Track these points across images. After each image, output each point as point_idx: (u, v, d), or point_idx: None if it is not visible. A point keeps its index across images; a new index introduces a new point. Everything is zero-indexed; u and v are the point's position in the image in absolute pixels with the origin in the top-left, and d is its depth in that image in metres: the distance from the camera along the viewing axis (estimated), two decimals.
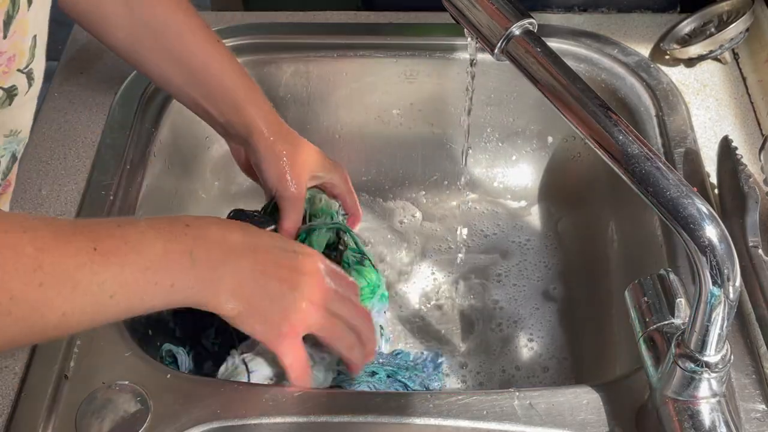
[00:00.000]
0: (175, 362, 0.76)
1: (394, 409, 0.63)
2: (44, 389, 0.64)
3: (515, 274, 0.94)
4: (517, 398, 0.63)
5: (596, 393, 0.63)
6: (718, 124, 0.84)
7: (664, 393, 0.56)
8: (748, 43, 0.90)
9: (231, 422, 0.62)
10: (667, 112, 0.85)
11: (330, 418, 0.62)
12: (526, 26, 0.55)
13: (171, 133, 0.88)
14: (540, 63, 0.54)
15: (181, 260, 0.54)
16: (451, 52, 0.93)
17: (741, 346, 0.66)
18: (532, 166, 1.00)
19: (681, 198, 0.47)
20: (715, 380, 0.54)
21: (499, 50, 0.56)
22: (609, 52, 0.91)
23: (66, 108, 0.87)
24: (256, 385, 0.65)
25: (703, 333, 0.51)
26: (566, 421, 0.62)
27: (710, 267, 0.47)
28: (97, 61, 0.91)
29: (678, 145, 0.81)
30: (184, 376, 0.69)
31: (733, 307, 0.49)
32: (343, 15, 0.97)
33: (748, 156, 0.79)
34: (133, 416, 0.61)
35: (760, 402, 0.62)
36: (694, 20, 0.92)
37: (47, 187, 0.79)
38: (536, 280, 0.93)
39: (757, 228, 0.70)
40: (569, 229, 0.97)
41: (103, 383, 0.64)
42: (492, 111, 0.96)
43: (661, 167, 0.48)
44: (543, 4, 0.97)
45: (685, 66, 0.91)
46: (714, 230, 0.47)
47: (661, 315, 0.59)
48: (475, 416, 0.62)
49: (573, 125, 0.52)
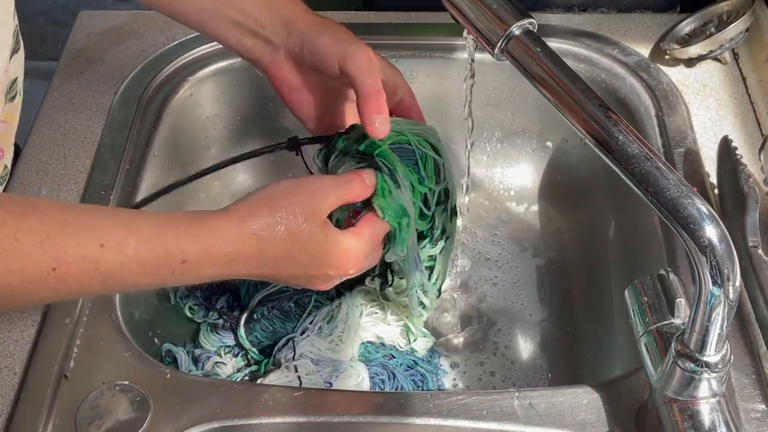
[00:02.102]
0: (175, 362, 0.77)
1: (394, 409, 0.63)
2: (44, 389, 0.64)
3: (515, 273, 0.94)
4: (517, 398, 0.63)
5: (596, 393, 0.63)
6: (718, 124, 0.84)
7: (664, 393, 0.56)
8: (748, 43, 0.90)
9: (231, 422, 0.62)
10: (667, 112, 0.85)
11: (330, 418, 0.62)
12: (526, 26, 0.55)
13: (171, 133, 0.88)
14: (540, 63, 0.54)
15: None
16: (451, 52, 0.93)
17: (741, 346, 0.66)
18: (532, 166, 1.00)
19: (681, 198, 0.47)
20: (715, 380, 0.54)
21: (499, 50, 0.56)
22: (609, 52, 0.91)
23: (66, 108, 0.87)
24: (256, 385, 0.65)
25: (703, 333, 0.51)
26: (566, 421, 0.62)
27: (710, 267, 0.47)
28: (97, 61, 0.92)
29: (678, 145, 0.81)
30: (184, 376, 0.69)
31: (733, 307, 0.49)
32: (343, 15, 0.97)
33: (748, 156, 0.79)
34: (133, 416, 0.61)
35: (760, 402, 0.62)
36: (694, 20, 0.92)
37: (47, 187, 0.79)
38: (536, 280, 0.93)
39: (757, 228, 0.70)
40: (569, 229, 0.97)
41: (103, 383, 0.64)
42: (492, 111, 0.96)
43: (661, 167, 0.48)
44: (543, 4, 0.97)
45: (685, 66, 0.91)
46: (714, 230, 0.47)
47: (661, 315, 0.59)
48: (475, 416, 0.62)
49: (573, 125, 0.52)
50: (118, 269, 0.50)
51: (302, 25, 0.65)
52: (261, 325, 0.79)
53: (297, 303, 0.81)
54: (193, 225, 0.53)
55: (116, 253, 0.50)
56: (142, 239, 0.51)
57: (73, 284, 0.49)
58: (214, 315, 0.82)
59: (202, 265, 0.53)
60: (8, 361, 0.66)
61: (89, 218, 0.50)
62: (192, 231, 0.53)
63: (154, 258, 0.51)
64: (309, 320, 0.79)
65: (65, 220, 0.49)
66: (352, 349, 0.78)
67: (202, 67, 0.92)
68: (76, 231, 0.49)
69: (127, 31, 0.95)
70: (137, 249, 0.50)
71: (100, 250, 0.49)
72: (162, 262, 0.52)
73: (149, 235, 0.51)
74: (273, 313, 0.80)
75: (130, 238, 0.50)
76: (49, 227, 0.48)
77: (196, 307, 0.83)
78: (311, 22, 0.65)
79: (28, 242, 0.47)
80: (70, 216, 0.49)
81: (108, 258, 0.49)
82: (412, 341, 0.82)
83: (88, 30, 0.96)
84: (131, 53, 0.92)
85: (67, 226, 0.49)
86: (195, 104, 0.92)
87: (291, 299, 0.81)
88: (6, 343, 0.67)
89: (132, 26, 0.96)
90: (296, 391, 0.64)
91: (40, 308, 0.69)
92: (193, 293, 0.83)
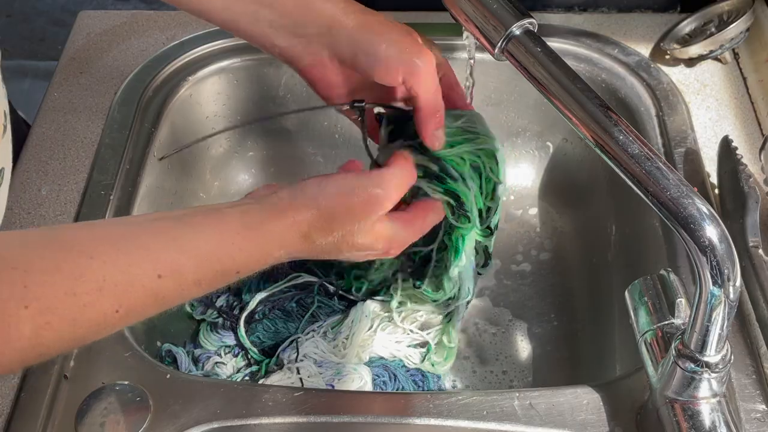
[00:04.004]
0: (175, 362, 0.76)
1: (394, 409, 0.63)
2: (44, 389, 0.64)
3: (514, 273, 0.94)
4: (517, 398, 0.63)
5: (596, 393, 0.63)
6: (718, 124, 0.84)
7: (664, 393, 0.56)
8: (748, 43, 0.90)
9: (231, 422, 0.62)
10: (667, 112, 0.84)
11: (330, 418, 0.62)
12: (526, 26, 0.55)
13: (171, 133, 0.88)
14: (540, 63, 0.54)
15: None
16: (451, 52, 0.92)
17: (741, 346, 0.66)
18: (532, 166, 1.00)
19: (681, 198, 0.47)
20: (715, 380, 0.54)
21: (499, 50, 0.56)
22: (609, 52, 0.91)
23: (66, 108, 0.87)
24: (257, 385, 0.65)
25: (703, 333, 0.51)
26: (566, 421, 0.62)
27: (710, 267, 0.47)
28: (97, 61, 0.92)
29: (678, 145, 0.81)
30: (184, 376, 0.69)
31: (733, 307, 0.49)
32: None
33: (748, 156, 0.79)
34: (133, 416, 0.61)
35: (760, 402, 0.62)
36: (694, 20, 0.92)
37: (47, 187, 0.79)
38: (535, 280, 0.93)
39: (757, 228, 0.70)
40: (569, 229, 0.97)
41: (103, 383, 0.64)
42: (492, 111, 0.96)
43: (661, 167, 0.48)
44: (543, 4, 0.97)
45: (685, 66, 0.91)
46: (714, 230, 0.47)
47: (662, 315, 0.59)
48: (475, 416, 0.62)
49: (573, 125, 0.52)
50: (177, 296, 0.49)
51: (350, 26, 0.59)
52: (263, 326, 0.79)
53: (299, 303, 0.81)
54: (247, 237, 0.52)
55: (175, 281, 0.48)
56: (200, 263, 0.50)
57: (135, 317, 0.48)
58: (214, 314, 0.82)
59: (254, 270, 0.53)
60: None
61: (138, 241, 0.48)
62: (246, 244, 0.52)
63: (212, 277, 0.50)
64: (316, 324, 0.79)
65: (117, 249, 0.47)
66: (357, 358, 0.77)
67: (202, 67, 0.91)
68: (131, 262, 0.47)
69: (127, 31, 0.95)
70: (196, 274, 0.49)
71: (158, 281, 0.47)
72: (218, 278, 0.51)
73: (206, 256, 0.50)
74: (275, 313, 0.80)
75: (187, 264, 0.49)
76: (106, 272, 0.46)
77: (196, 303, 0.83)
78: (361, 23, 0.59)
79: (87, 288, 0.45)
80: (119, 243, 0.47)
81: (167, 286, 0.48)
82: (430, 360, 0.79)
83: (88, 30, 0.96)
84: (131, 53, 0.92)
85: (119, 257, 0.47)
86: (195, 104, 0.92)
87: (293, 299, 0.81)
88: None
89: (132, 26, 0.96)
90: (296, 391, 0.64)
91: None
92: None
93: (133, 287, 0.46)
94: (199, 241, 0.50)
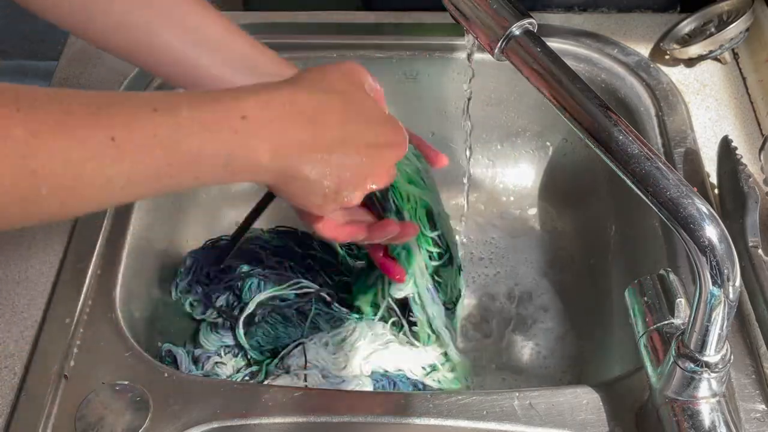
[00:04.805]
0: (175, 362, 0.76)
1: (394, 409, 0.63)
2: (44, 389, 0.64)
3: (514, 273, 0.94)
4: (517, 398, 0.63)
5: (596, 393, 0.63)
6: (718, 124, 0.84)
7: (664, 393, 0.56)
8: (748, 43, 0.90)
9: (231, 422, 0.62)
10: (667, 112, 0.84)
11: (330, 418, 0.62)
12: (526, 26, 0.55)
13: None
14: (540, 63, 0.54)
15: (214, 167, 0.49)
16: (451, 52, 0.93)
17: (741, 346, 0.66)
18: (532, 166, 1.00)
19: (681, 198, 0.47)
20: (715, 380, 0.54)
21: (499, 50, 0.56)
22: (609, 52, 0.91)
23: None
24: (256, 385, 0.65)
25: (703, 333, 0.51)
26: (566, 421, 0.62)
27: (710, 267, 0.47)
28: (97, 61, 0.91)
29: (678, 145, 0.81)
30: (184, 376, 0.69)
31: (733, 307, 0.49)
32: (343, 15, 0.97)
33: (748, 156, 0.79)
34: (133, 416, 0.61)
35: (760, 402, 0.62)
36: (694, 20, 0.92)
37: None
38: (535, 280, 0.93)
39: (757, 228, 0.70)
40: (569, 229, 0.97)
41: (103, 383, 0.64)
42: (492, 111, 0.96)
43: (661, 167, 0.48)
44: (543, 4, 0.97)
45: (685, 66, 0.91)
46: (714, 230, 0.47)
47: (661, 315, 0.59)
48: (475, 416, 0.62)
49: (573, 125, 0.52)
50: (175, 131, 0.47)
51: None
52: (263, 330, 0.79)
53: (298, 310, 0.80)
54: (250, 86, 0.51)
55: (171, 115, 0.46)
56: (194, 99, 0.48)
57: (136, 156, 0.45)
58: (214, 314, 0.82)
59: (263, 124, 0.50)
60: (8, 361, 0.66)
61: (134, 95, 0.48)
62: (250, 88, 0.51)
63: (213, 114, 0.48)
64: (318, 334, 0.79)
65: (111, 96, 0.47)
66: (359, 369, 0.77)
67: None
68: (125, 100, 0.46)
69: None
70: (190, 110, 0.47)
71: (153, 114, 0.46)
72: (222, 117, 0.48)
73: (202, 96, 0.49)
74: (274, 317, 0.80)
75: (182, 100, 0.47)
76: (99, 100, 0.46)
77: (196, 302, 0.83)
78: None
79: (81, 113, 0.44)
80: (112, 94, 0.47)
81: (164, 121, 0.46)
82: (441, 380, 0.79)
83: None
84: None
85: (114, 98, 0.46)
86: None
87: (292, 306, 0.80)
88: (6, 343, 0.67)
89: None
90: (296, 391, 0.64)
91: (39, 307, 0.69)
92: (194, 288, 0.83)
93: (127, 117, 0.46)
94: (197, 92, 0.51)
